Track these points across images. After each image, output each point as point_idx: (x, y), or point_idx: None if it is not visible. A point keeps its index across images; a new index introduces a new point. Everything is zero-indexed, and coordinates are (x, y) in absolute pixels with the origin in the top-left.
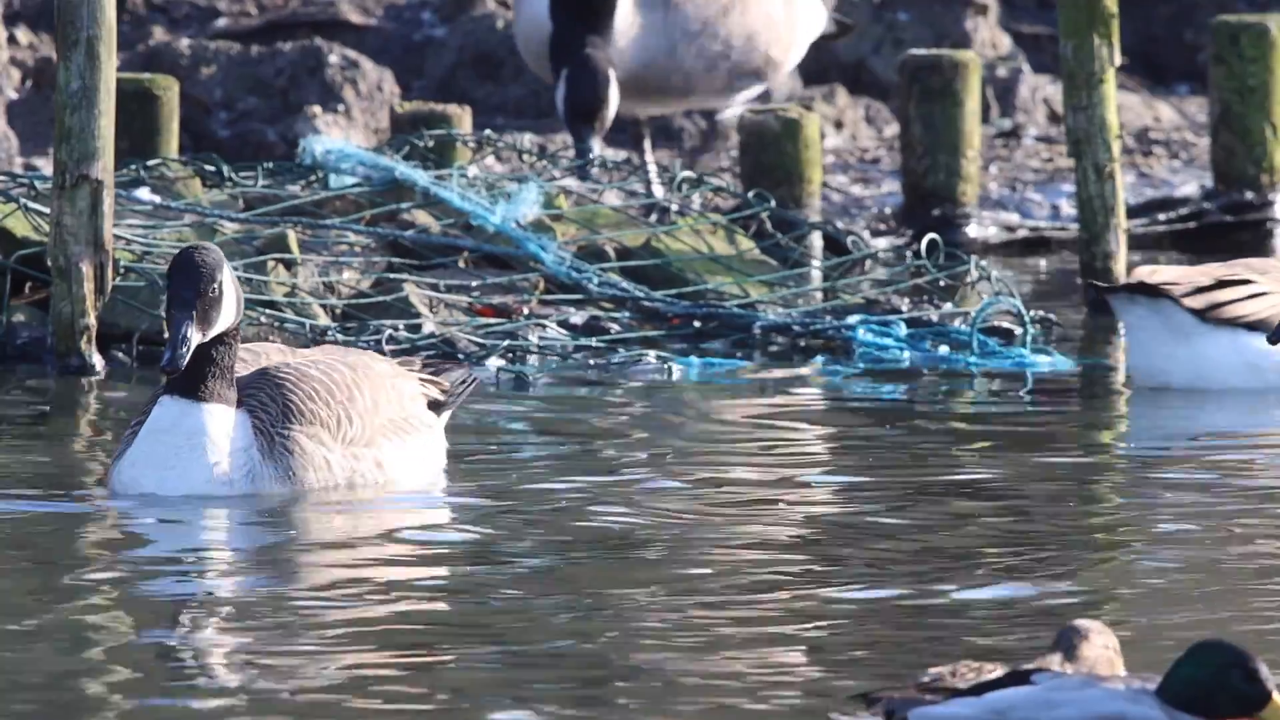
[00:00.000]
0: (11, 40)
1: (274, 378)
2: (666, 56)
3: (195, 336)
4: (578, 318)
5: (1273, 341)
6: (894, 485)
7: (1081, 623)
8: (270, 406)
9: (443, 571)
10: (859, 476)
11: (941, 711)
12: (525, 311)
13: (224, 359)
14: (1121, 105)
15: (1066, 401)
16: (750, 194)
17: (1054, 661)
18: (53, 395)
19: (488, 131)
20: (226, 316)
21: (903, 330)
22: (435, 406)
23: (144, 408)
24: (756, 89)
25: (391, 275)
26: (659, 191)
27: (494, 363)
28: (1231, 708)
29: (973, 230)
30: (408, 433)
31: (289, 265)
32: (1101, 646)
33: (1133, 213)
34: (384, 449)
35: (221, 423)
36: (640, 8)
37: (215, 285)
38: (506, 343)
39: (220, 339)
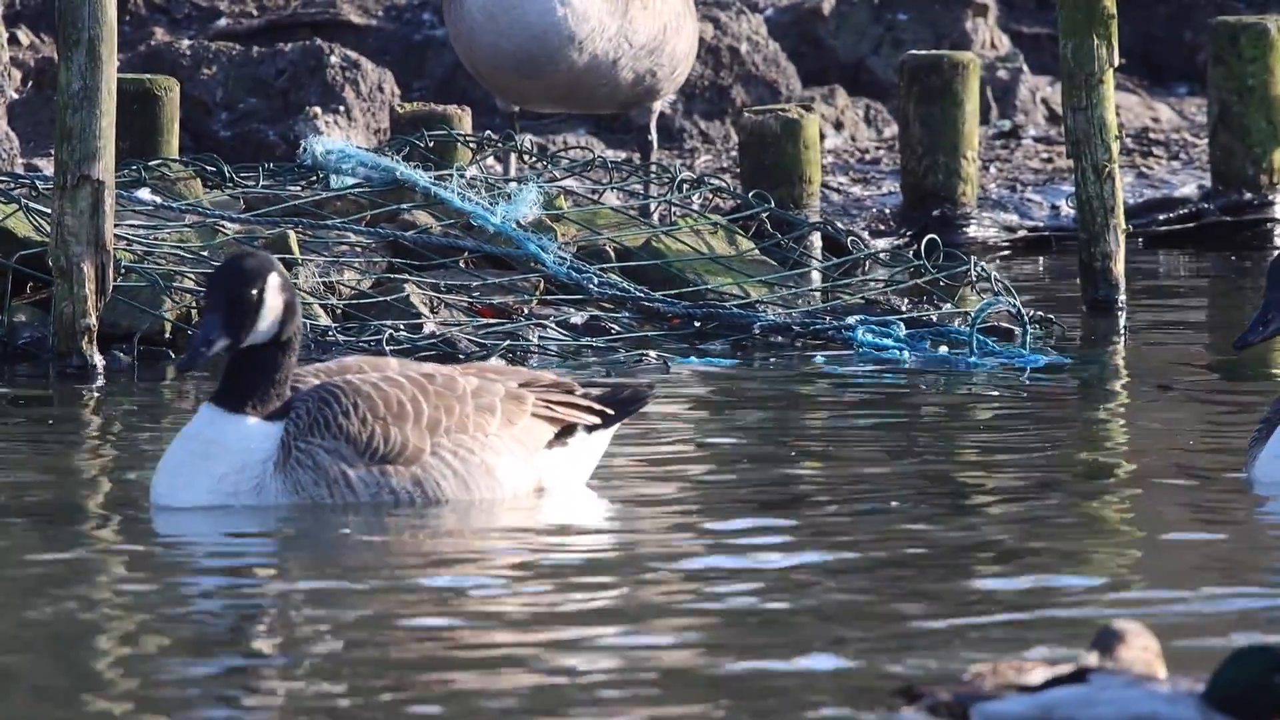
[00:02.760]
0: (12, 40)
1: (322, 390)
2: (609, 66)
3: (220, 341)
4: (578, 318)
5: (1239, 347)
6: (895, 484)
7: (1120, 624)
8: (303, 419)
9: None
10: (859, 476)
11: (999, 708)
12: (525, 311)
13: (270, 369)
14: (1121, 105)
15: (1065, 400)
16: (750, 194)
17: (1091, 662)
18: (53, 395)
19: (488, 132)
20: (264, 326)
21: (902, 330)
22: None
23: None
24: (655, 104)
25: (392, 275)
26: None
27: (494, 363)
28: (1274, 712)
29: (972, 230)
30: (474, 452)
31: (290, 266)
32: (1140, 648)
33: (1132, 213)
34: (430, 467)
35: (244, 434)
36: (606, 14)
37: (251, 292)
38: (507, 343)
39: (269, 349)
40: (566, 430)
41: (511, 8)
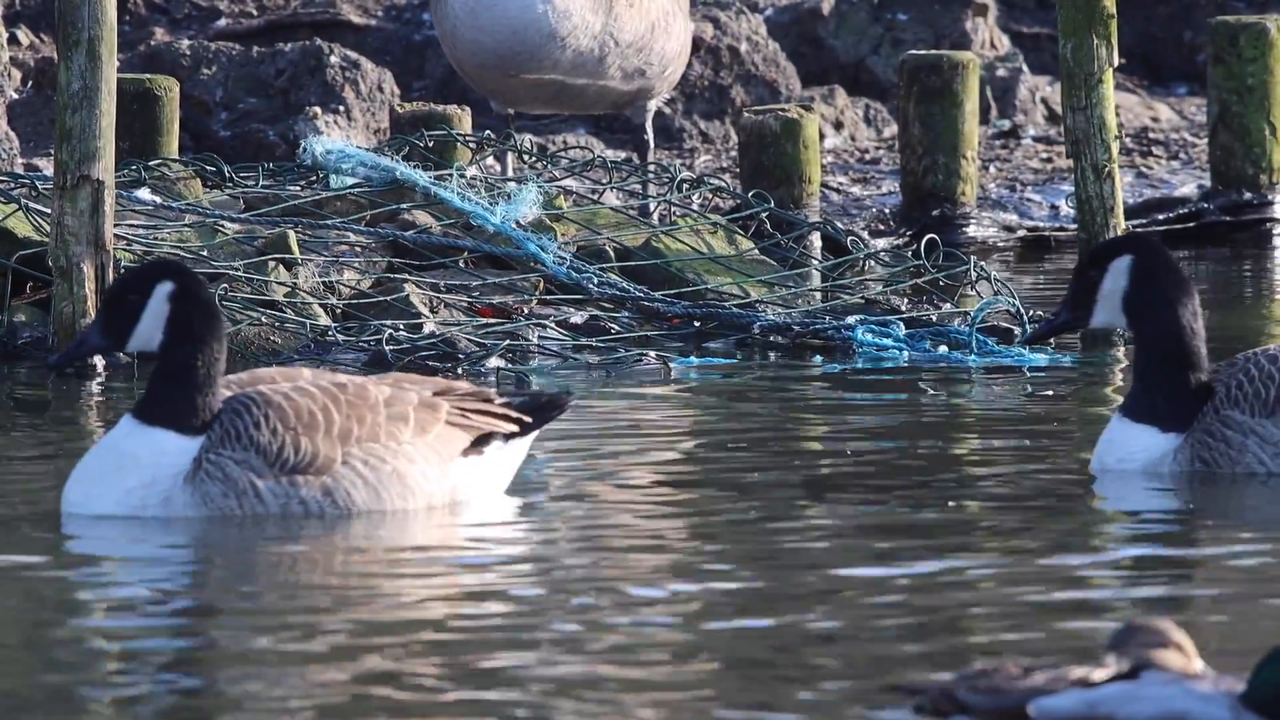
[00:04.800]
0: (12, 40)
1: (235, 401)
2: (595, 64)
3: (93, 343)
4: (578, 318)
5: (1028, 342)
6: (893, 484)
7: (1140, 621)
8: (215, 431)
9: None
10: (858, 475)
11: (1054, 703)
12: (525, 311)
13: (184, 380)
14: (1120, 105)
15: (1064, 400)
16: (750, 194)
17: (1110, 660)
18: (53, 395)
19: (487, 132)
20: (147, 332)
21: (902, 330)
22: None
23: None
24: (649, 103)
25: (392, 275)
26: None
27: (494, 363)
28: None
29: (972, 230)
30: (386, 461)
31: (289, 265)
32: (1160, 645)
33: (1131, 213)
34: (341, 477)
35: (157, 447)
36: (589, 11)
37: (131, 298)
38: (506, 343)
39: (182, 359)
40: (483, 439)
41: (492, 5)
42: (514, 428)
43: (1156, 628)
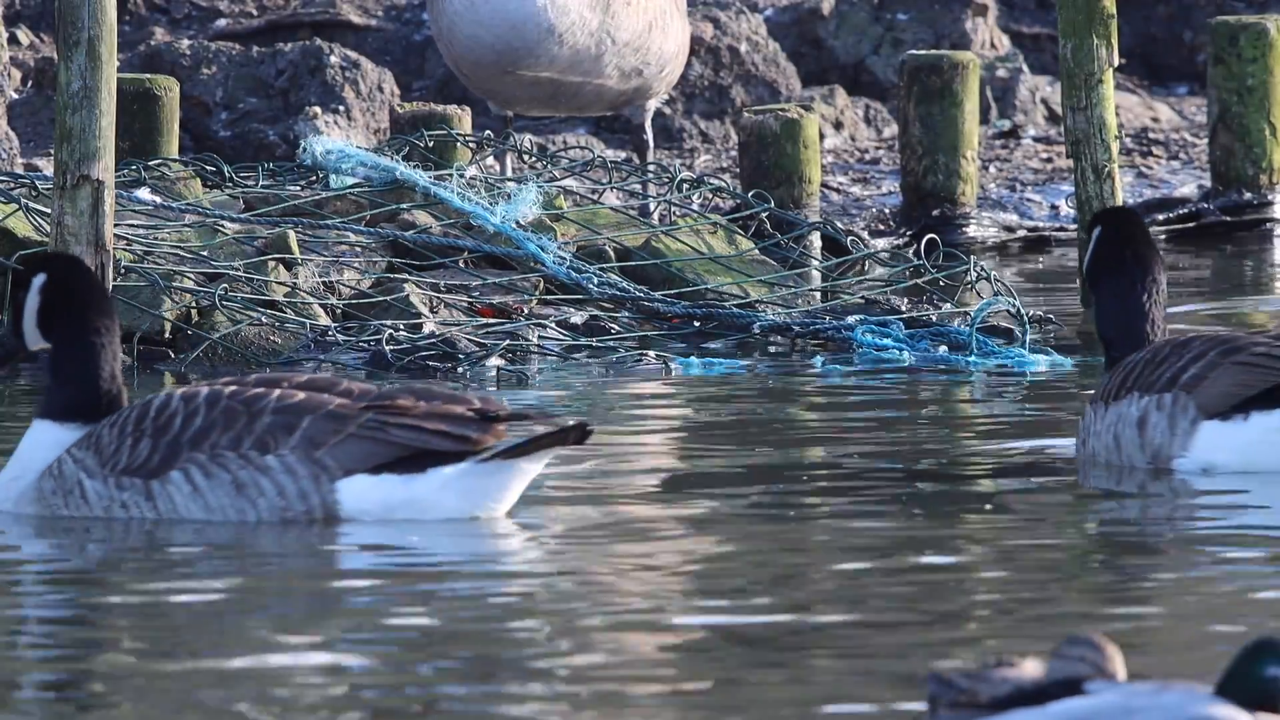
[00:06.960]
0: (12, 40)
1: (138, 399)
2: (592, 62)
3: (8, 344)
4: (578, 318)
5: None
6: (893, 486)
7: (1082, 635)
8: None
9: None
10: (858, 475)
11: None
12: (525, 311)
13: (62, 372)
14: (1120, 105)
15: (1064, 400)
16: (750, 194)
17: (1030, 664)
18: None
19: (487, 132)
20: (29, 330)
21: (902, 330)
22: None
23: None
24: (648, 104)
25: (392, 275)
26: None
27: (494, 363)
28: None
29: (972, 230)
30: (227, 470)
31: (289, 265)
32: (1091, 659)
33: None
34: (169, 482)
35: (34, 441)
36: (587, 8)
37: (20, 295)
38: (506, 343)
39: (59, 349)
40: (439, 456)
41: None
42: (454, 446)
43: (1091, 640)
